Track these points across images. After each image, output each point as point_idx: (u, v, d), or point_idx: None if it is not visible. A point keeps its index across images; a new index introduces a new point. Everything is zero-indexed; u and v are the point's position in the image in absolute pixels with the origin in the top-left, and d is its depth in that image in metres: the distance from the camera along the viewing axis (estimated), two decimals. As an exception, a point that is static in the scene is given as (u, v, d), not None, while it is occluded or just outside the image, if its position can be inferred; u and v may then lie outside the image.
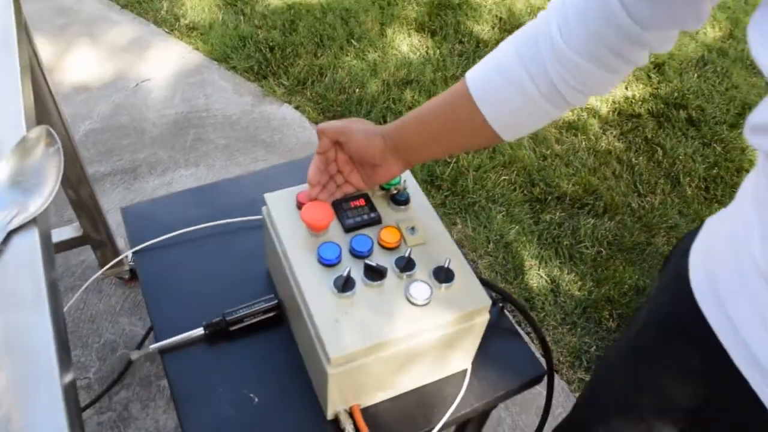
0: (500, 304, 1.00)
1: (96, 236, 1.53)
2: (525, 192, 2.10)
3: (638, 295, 1.83)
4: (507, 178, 2.13)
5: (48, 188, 0.67)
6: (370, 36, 2.60)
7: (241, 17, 2.58)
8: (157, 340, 0.89)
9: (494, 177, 2.12)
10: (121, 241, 1.61)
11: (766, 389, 0.58)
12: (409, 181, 0.91)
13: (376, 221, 0.86)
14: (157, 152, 2.05)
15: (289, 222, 0.85)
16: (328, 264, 0.80)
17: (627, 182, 2.17)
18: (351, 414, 0.83)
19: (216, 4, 2.63)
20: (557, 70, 0.64)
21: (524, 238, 1.96)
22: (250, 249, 1.01)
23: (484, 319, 0.82)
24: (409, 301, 0.78)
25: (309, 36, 2.54)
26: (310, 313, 0.76)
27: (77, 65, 2.35)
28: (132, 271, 1.66)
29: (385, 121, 2.21)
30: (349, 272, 0.77)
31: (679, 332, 0.68)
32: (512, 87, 0.68)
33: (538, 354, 0.99)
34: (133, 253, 1.00)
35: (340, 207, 0.86)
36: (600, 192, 2.11)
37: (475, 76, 0.72)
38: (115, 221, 1.59)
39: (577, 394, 1.63)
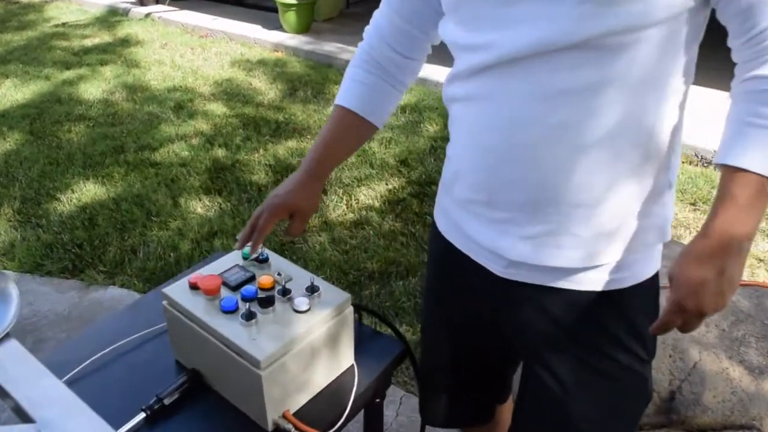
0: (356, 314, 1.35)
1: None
2: (342, 281, 2.50)
3: (457, 320, 2.28)
4: (324, 276, 2.52)
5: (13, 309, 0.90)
6: (166, 210, 2.91)
7: (40, 229, 2.75)
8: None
9: (314, 279, 2.49)
10: None
11: (469, 248, 1.06)
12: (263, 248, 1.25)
13: (252, 277, 1.18)
14: (1, 365, 2.09)
15: (190, 299, 1.13)
16: (230, 311, 1.09)
17: (415, 247, 2.69)
18: (285, 418, 1.10)
19: (11, 225, 2.77)
20: (395, 68, 1.13)
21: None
22: (151, 356, 1.24)
23: (349, 310, 1.16)
24: (297, 311, 1.10)
25: (111, 225, 2.79)
26: (232, 344, 1.04)
27: None
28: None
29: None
30: (248, 307, 1.08)
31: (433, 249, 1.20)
32: (380, 94, 1.13)
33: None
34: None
35: (224, 276, 1.17)
36: (398, 260, 2.59)
37: (352, 101, 1.12)
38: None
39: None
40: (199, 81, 4.47)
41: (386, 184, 3.16)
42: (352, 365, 1.23)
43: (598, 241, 0.91)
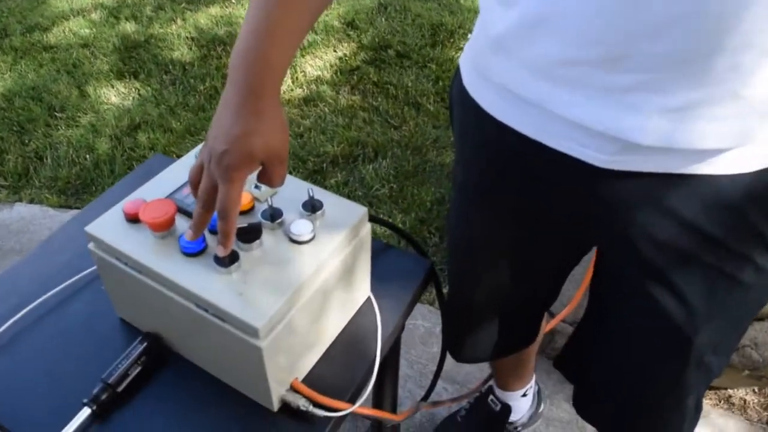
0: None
1: None
2: (301, 170, 2.12)
3: (441, 204, 1.97)
4: (280, 167, 2.13)
5: None
6: (72, 102, 2.39)
7: None
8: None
9: (268, 172, 2.10)
10: None
11: (551, 131, 0.70)
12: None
13: (219, 196, 0.80)
14: None
15: (131, 239, 0.75)
16: (195, 252, 0.73)
17: (381, 123, 2.31)
18: (295, 390, 0.77)
19: None
20: None
21: (325, 209, 1.98)
22: (84, 317, 0.88)
23: (367, 230, 0.81)
24: (296, 242, 0.74)
25: (5, 128, 2.26)
26: (210, 304, 0.69)
27: None
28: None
29: (130, 168, 2.05)
30: (225, 245, 0.71)
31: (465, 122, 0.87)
32: None
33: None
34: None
35: (178, 200, 0.79)
36: (363, 140, 2.21)
37: None
38: None
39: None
40: (87, -59, 3.70)
41: (335, 51, 2.69)
42: (369, 298, 0.90)
43: (759, 105, 0.59)
